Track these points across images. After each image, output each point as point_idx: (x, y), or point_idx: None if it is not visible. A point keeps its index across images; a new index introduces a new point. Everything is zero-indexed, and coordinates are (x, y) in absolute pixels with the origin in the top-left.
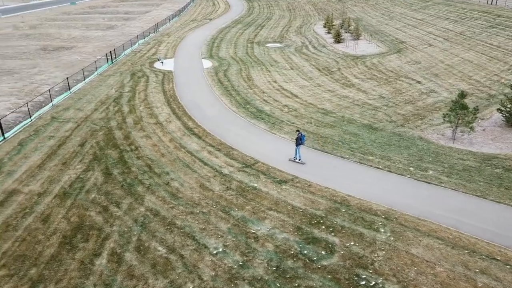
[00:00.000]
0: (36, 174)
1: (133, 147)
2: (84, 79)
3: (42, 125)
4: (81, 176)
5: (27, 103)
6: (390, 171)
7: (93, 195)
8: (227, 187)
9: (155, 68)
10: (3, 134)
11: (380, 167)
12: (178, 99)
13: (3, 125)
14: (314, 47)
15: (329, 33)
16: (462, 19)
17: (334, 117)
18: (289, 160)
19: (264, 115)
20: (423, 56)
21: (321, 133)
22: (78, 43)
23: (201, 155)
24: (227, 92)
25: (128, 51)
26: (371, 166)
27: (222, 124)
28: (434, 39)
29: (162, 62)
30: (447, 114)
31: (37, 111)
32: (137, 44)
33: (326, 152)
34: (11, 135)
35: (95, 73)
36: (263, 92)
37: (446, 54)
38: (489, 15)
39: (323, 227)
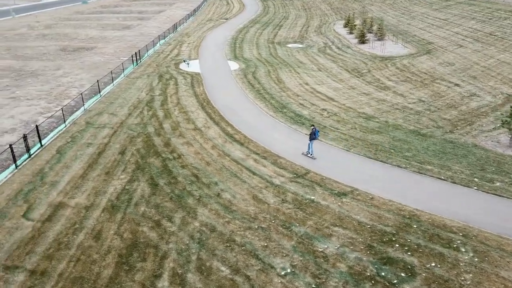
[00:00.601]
0: (80, 185)
1: (175, 155)
2: (113, 82)
3: (78, 131)
4: (126, 187)
5: (61, 109)
6: (454, 182)
7: (142, 208)
8: (282, 200)
9: (181, 70)
10: (40, 141)
11: (442, 177)
12: (211, 103)
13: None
14: (338, 48)
15: (351, 33)
16: (489, 19)
17: (377, 122)
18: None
19: (304, 120)
20: (455, 57)
21: (369, 139)
22: (97, 44)
23: (247, 164)
24: (260, 96)
25: (150, 51)
26: (431, 176)
27: (263, 130)
28: (463, 39)
29: (188, 64)
30: (506, 120)
31: (70, 116)
32: (158, 44)
33: (381, 161)
34: (48, 142)
35: (122, 75)
36: (297, 95)
37: (480, 56)
38: None
39: (397, 245)
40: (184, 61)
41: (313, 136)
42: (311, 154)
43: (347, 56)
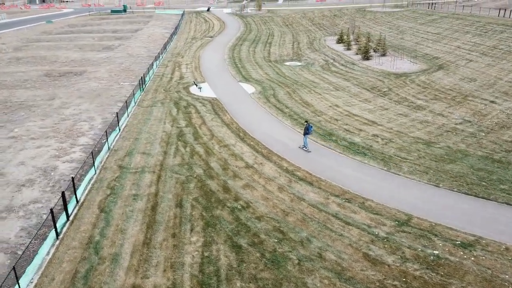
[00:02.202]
0: (148, 257)
1: (242, 203)
2: (127, 112)
3: (114, 179)
4: (205, 254)
5: (91, 153)
6: None
7: (238, 284)
8: (402, 258)
9: (195, 95)
10: (76, 198)
11: None
12: (248, 133)
13: (62, 181)
14: (343, 65)
15: (348, 49)
16: (484, 32)
17: (440, 148)
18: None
19: (363, 149)
20: (472, 72)
21: (448, 170)
22: (86, 67)
23: (332, 210)
24: (296, 121)
25: (150, 74)
26: None
27: (325, 164)
28: (468, 53)
29: (200, 88)
30: None
31: (95, 158)
32: (155, 66)
33: (483, 198)
34: (83, 196)
35: (132, 103)
36: (335, 119)
37: (497, 70)
38: (511, 27)
39: None
40: (195, 85)
41: (306, 131)
42: (306, 148)
43: (357, 74)
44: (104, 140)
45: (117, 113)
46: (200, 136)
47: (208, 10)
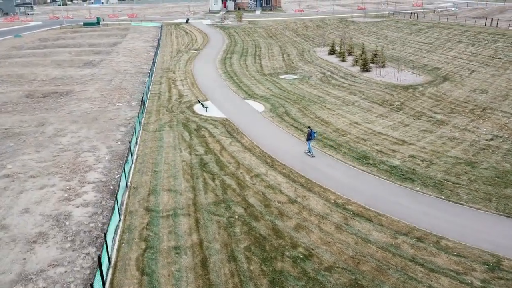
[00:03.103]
0: None
1: (302, 250)
2: (136, 139)
3: (145, 227)
4: None
5: (115, 199)
6: None
7: None
8: None
9: (202, 115)
10: (109, 257)
11: None
12: (276, 159)
13: (82, 233)
14: (343, 77)
15: (343, 60)
16: (478, 41)
17: (485, 168)
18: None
19: (407, 173)
20: (481, 83)
21: (509, 196)
22: (73, 86)
23: (406, 253)
24: (323, 143)
25: (147, 93)
26: None
27: (375, 194)
28: (468, 63)
29: (207, 108)
30: None
31: (115, 200)
32: (148, 83)
33: None
34: (113, 253)
35: (137, 127)
36: (363, 139)
37: (505, 80)
38: (503, 36)
39: None
40: (201, 104)
41: (309, 136)
42: (310, 153)
43: (361, 87)
44: (118, 175)
45: (129, 142)
46: (225, 165)
47: (187, 21)
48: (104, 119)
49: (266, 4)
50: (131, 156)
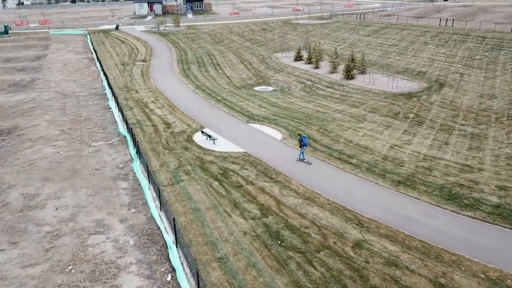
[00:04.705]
0: None
1: None
2: (160, 204)
3: None
4: None
5: None
6: None
7: None
8: None
9: (215, 151)
10: None
11: None
12: (354, 211)
13: None
14: (329, 87)
15: (316, 67)
16: (445, 42)
17: None
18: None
19: (471, 201)
20: (481, 88)
21: None
22: (14, 120)
23: None
24: (386, 178)
25: (120, 124)
26: None
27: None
28: (451, 66)
29: (214, 141)
30: None
31: None
32: (116, 109)
33: None
34: None
35: (141, 180)
36: (425, 168)
37: (504, 83)
38: (468, 36)
39: None
40: (207, 137)
41: (301, 143)
42: (305, 160)
43: (357, 97)
44: (168, 275)
45: (165, 220)
46: (302, 231)
47: (117, 28)
48: (88, 170)
49: (198, 7)
50: (176, 239)
